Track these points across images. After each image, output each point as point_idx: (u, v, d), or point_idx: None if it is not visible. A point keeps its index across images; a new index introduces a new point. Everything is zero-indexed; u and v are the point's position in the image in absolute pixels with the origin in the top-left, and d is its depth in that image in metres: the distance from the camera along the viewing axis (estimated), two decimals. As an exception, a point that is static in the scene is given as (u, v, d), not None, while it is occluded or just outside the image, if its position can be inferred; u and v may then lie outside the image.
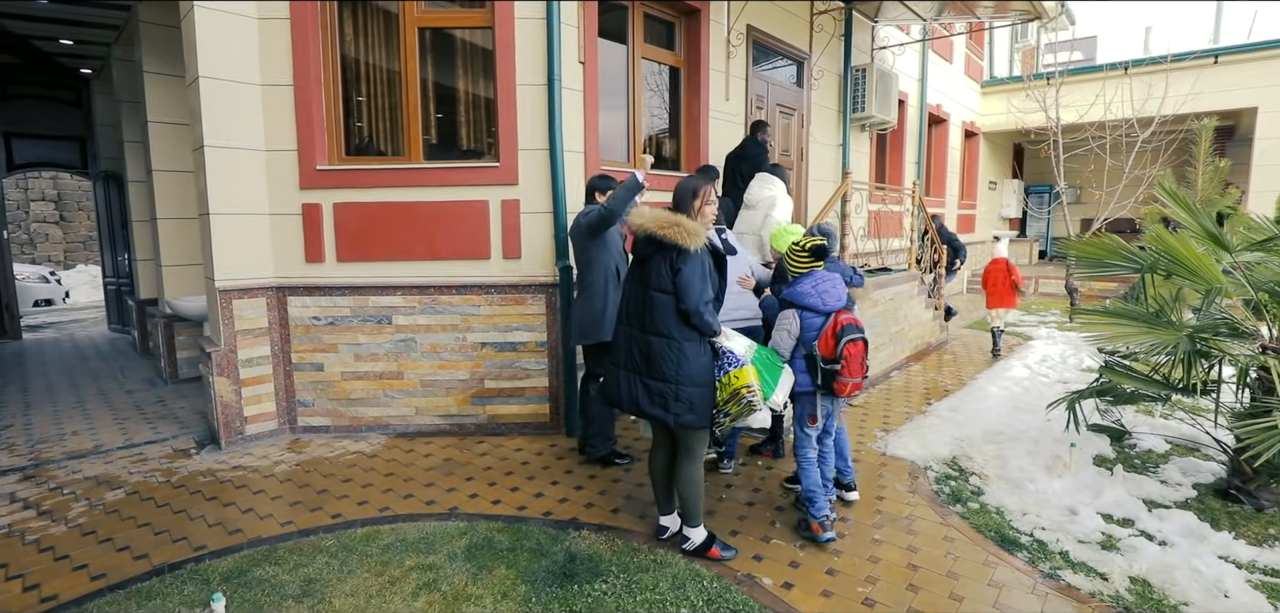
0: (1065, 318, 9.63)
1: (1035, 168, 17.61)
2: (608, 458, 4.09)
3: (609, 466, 4.07)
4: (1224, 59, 11.43)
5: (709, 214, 2.80)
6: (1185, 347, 3.46)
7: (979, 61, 15.08)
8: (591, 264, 3.88)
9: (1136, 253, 3.95)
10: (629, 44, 5.50)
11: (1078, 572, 2.83)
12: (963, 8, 8.50)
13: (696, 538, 2.92)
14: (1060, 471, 3.85)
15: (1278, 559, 2.90)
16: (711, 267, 2.78)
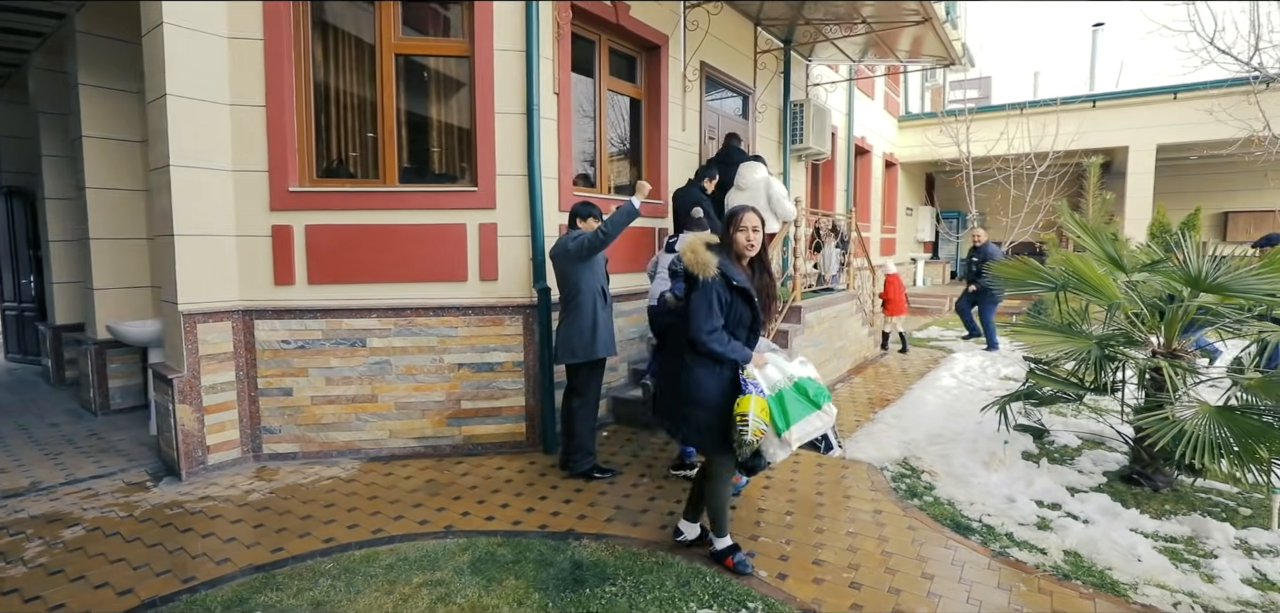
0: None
1: (946, 195, 19.18)
2: (589, 473, 4.23)
3: (591, 480, 4.21)
4: (1101, 104, 13.02)
5: (741, 241, 2.92)
6: (1095, 353, 4.04)
7: (896, 98, 16.38)
8: (578, 287, 4.06)
9: (1050, 273, 4.55)
10: (596, 77, 5.75)
11: (1022, 549, 3.26)
12: (884, 50, 9.35)
13: (719, 546, 3.09)
14: (996, 465, 4.35)
15: (1175, 529, 3.44)
16: (727, 297, 2.83)
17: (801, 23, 8.13)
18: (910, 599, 2.82)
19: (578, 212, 4.28)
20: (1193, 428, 3.42)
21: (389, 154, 4.69)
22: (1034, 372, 4.54)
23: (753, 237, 2.97)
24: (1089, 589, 2.89)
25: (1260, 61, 9.97)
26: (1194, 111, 11.61)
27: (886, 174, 15.88)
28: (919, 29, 7.87)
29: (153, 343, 5.26)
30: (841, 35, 8.55)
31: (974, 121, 11.49)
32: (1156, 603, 2.78)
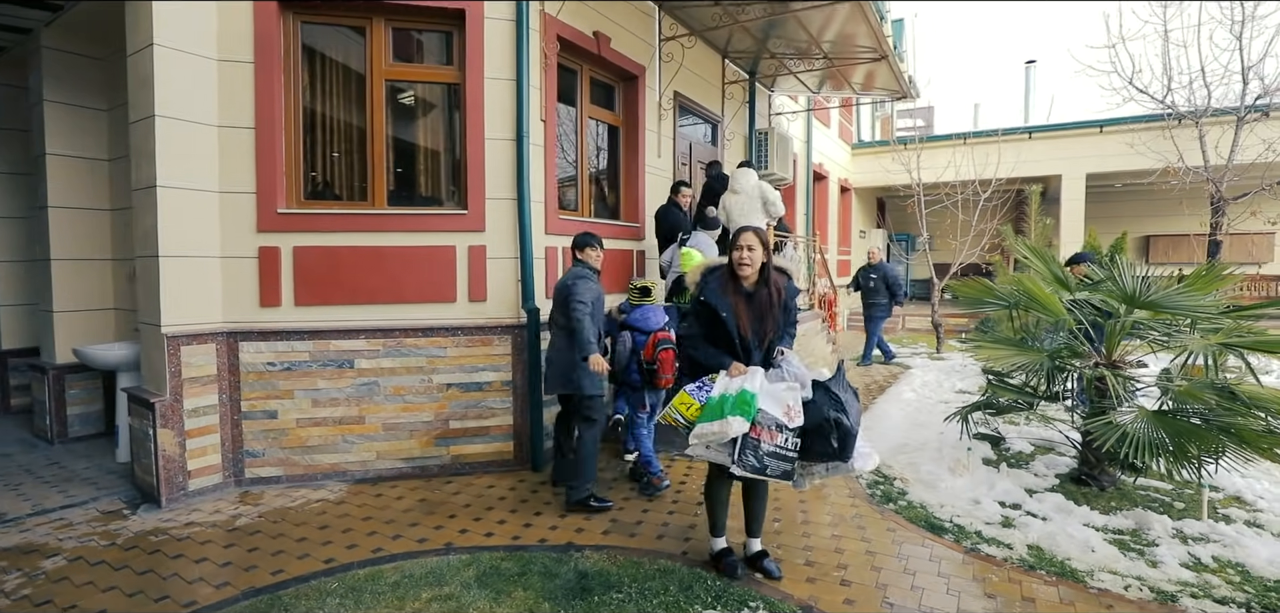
0: (933, 350, 11.15)
1: (896, 219, 20.11)
2: (587, 501, 4.03)
3: (589, 509, 4.02)
4: (1036, 135, 14.01)
5: (737, 259, 3.14)
6: (1047, 365, 4.42)
7: (850, 126, 17.20)
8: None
9: (1003, 292, 4.95)
10: (578, 105, 5.95)
11: (991, 545, 3.55)
12: (841, 82, 9.90)
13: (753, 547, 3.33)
14: (961, 471, 4.67)
15: (1121, 523, 3.80)
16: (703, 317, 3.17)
17: (766, 56, 8.55)
18: (896, 592, 3.05)
19: (580, 242, 4.24)
20: (1133, 431, 3.80)
21: (378, 177, 4.75)
22: (991, 383, 4.90)
23: (748, 255, 3.18)
24: (1052, 577, 3.19)
25: (1172, 100, 10.98)
26: (1117, 144, 12.64)
27: (841, 198, 16.60)
28: (874, 64, 8.39)
29: (122, 367, 5.11)
30: (803, 69, 9.03)
31: (924, 150, 12.20)
32: (1110, 587, 3.09)
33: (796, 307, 3.36)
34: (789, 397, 2.97)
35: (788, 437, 2.90)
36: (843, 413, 2.91)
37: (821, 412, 2.91)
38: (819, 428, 2.89)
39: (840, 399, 2.95)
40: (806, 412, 2.94)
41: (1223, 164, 10.50)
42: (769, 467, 2.90)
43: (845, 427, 2.88)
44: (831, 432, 2.88)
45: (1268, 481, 4.45)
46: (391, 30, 4.76)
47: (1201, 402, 3.89)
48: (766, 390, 2.98)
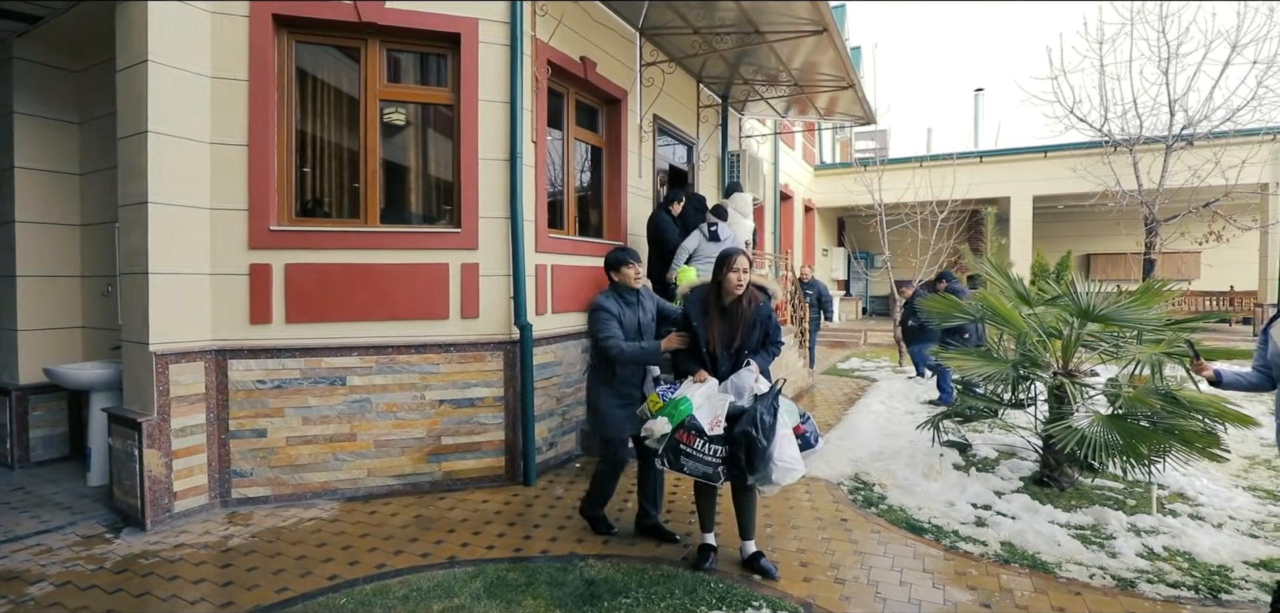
0: (896, 364, 11.61)
1: (856, 237, 20.85)
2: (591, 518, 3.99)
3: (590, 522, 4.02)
4: (987, 159, 14.82)
5: (732, 280, 3.38)
6: (1011, 374, 4.75)
7: (813, 149, 17.82)
8: None
9: (969, 308, 5.30)
10: (565, 127, 6.10)
11: (967, 542, 3.80)
12: (807, 107, 10.34)
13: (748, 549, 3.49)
14: (934, 476, 4.95)
15: (1082, 519, 4.12)
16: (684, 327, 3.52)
17: (738, 82, 8.89)
18: (887, 588, 3.26)
19: (612, 260, 3.86)
20: (1090, 433, 4.13)
21: (371, 195, 4.79)
22: (960, 392, 5.22)
23: (741, 277, 3.41)
24: (1025, 570, 3.45)
25: (1109, 129, 11.83)
26: (1061, 169, 13.49)
27: (805, 218, 17.16)
28: (840, 91, 8.82)
29: (96, 387, 4.97)
30: (772, 94, 9.41)
31: (885, 172, 12.79)
32: (1077, 576, 3.37)
33: (775, 323, 3.57)
34: (720, 407, 3.24)
35: (705, 443, 3.17)
36: (754, 429, 3.11)
37: (740, 425, 3.14)
38: (737, 439, 3.14)
39: (757, 416, 3.14)
40: (736, 423, 3.17)
41: (1154, 188, 11.35)
42: (685, 467, 3.24)
43: (753, 441, 3.10)
44: (741, 446, 3.12)
45: (1206, 478, 4.86)
46: (386, 52, 4.83)
47: (1148, 406, 4.26)
48: (707, 400, 3.26)
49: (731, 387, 3.33)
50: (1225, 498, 4.49)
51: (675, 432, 3.25)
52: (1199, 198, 11.56)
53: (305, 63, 4.77)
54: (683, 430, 3.23)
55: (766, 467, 3.14)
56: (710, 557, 3.49)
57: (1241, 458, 5.46)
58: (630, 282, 3.81)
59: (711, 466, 3.17)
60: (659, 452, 3.35)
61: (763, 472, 3.16)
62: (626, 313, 3.74)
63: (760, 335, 3.45)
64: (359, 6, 4.57)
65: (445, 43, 4.88)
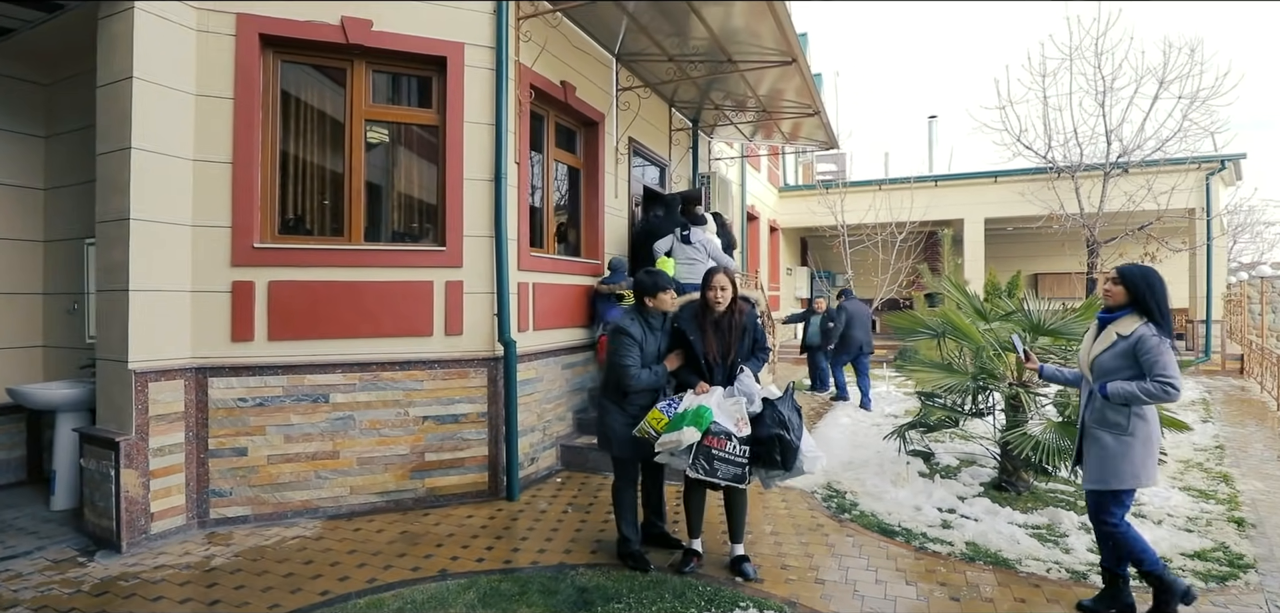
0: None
1: (818, 257, 21.44)
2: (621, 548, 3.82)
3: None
4: (942, 183, 15.54)
5: (710, 298, 3.60)
6: (971, 385, 5.06)
7: (777, 171, 18.34)
8: None
9: (931, 323, 5.62)
10: (545, 149, 6.24)
11: (935, 543, 4.04)
12: (774, 131, 10.74)
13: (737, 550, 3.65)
14: (902, 483, 5.21)
15: (1037, 520, 4.41)
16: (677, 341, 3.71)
17: (709, 106, 9.20)
18: (864, 585, 3.46)
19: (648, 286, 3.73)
20: (1044, 439, 4.45)
21: (356, 213, 4.83)
22: (924, 404, 5.51)
23: (721, 295, 3.62)
24: (988, 566, 3.70)
25: (1052, 156, 12.58)
26: (1010, 193, 14.25)
27: (771, 237, 17.60)
28: (807, 118, 9.21)
29: (64, 407, 4.83)
30: (741, 119, 9.76)
31: (847, 194, 13.29)
32: (1035, 571, 3.63)
33: (762, 330, 3.79)
34: (739, 410, 3.44)
35: (736, 444, 3.37)
36: (784, 429, 3.35)
37: (768, 428, 3.37)
38: (766, 441, 3.35)
39: (784, 417, 3.39)
40: (756, 425, 3.40)
41: (1094, 212, 12.11)
42: (719, 471, 3.36)
43: (786, 441, 3.35)
44: (775, 447, 3.34)
45: (1147, 480, 5.24)
46: (372, 73, 4.91)
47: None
48: (721, 406, 3.45)
49: (741, 392, 3.51)
50: (1163, 497, 4.86)
51: (705, 438, 3.35)
52: (1134, 221, 12.38)
53: (291, 82, 4.81)
54: (712, 436, 3.35)
55: (798, 460, 3.39)
56: (692, 561, 3.63)
57: (1177, 461, 5.90)
58: (666, 306, 3.74)
59: (741, 466, 3.35)
60: (689, 461, 3.37)
61: (795, 464, 3.40)
62: (649, 339, 3.69)
63: (749, 343, 3.65)
64: (347, 29, 4.65)
65: (431, 65, 4.99)
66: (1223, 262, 13.67)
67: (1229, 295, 13.72)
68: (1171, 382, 2.95)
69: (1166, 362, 2.97)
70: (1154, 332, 3.05)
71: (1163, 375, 2.95)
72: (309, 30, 4.60)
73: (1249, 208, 21.85)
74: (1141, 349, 3.02)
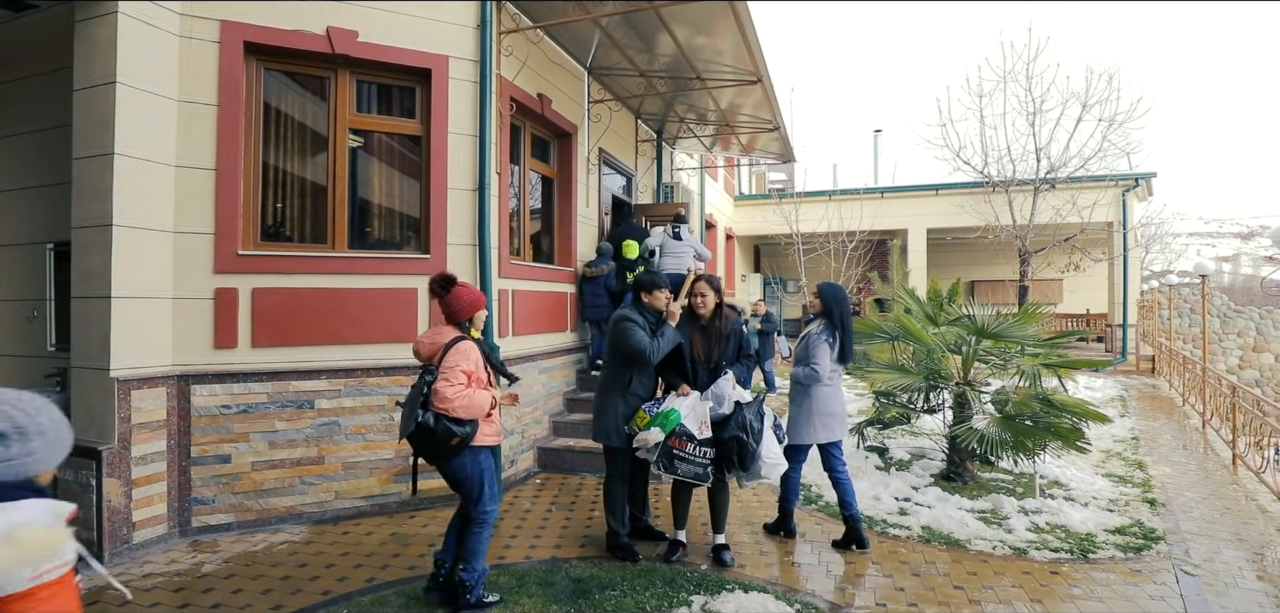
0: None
1: (769, 263, 22.16)
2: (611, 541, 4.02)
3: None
4: (888, 195, 16.39)
5: (696, 304, 3.92)
6: (923, 384, 5.52)
7: (733, 181, 18.90)
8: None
9: (886, 327, 6.07)
10: (521, 159, 6.41)
11: (895, 528, 4.43)
12: (730, 140, 11.19)
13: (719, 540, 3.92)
14: (861, 476, 5.61)
15: (983, 506, 4.87)
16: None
17: (673, 118, 9.53)
18: (835, 566, 3.80)
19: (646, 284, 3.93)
20: (988, 432, 4.92)
21: (340, 221, 4.89)
22: (880, 402, 5.95)
23: (702, 301, 3.91)
24: (944, 546, 4.11)
25: (988, 171, 13.50)
26: (950, 205, 15.18)
27: (727, 245, 18.12)
28: (768, 132, 9.66)
29: (28, 418, 4.68)
30: (703, 132, 10.14)
31: (801, 204, 13.90)
32: (983, 549, 4.06)
33: (747, 337, 4.08)
34: (703, 414, 3.71)
35: (695, 446, 3.64)
36: (744, 433, 3.63)
37: (731, 430, 3.65)
38: (727, 443, 3.64)
39: (746, 421, 3.66)
40: (722, 428, 3.67)
41: (1026, 224, 13.06)
42: (680, 470, 3.66)
43: (744, 443, 3.63)
44: (734, 450, 3.63)
45: (1074, 468, 5.83)
46: (356, 82, 4.99)
47: (1031, 409, 5.12)
48: (691, 409, 3.72)
49: (712, 396, 3.77)
50: (1089, 482, 5.43)
51: (668, 439, 3.64)
52: (1061, 233, 13.43)
53: (275, 90, 4.84)
54: (675, 437, 3.63)
55: (756, 465, 3.64)
56: (678, 551, 3.89)
57: (1100, 451, 6.55)
58: (659, 305, 3.89)
59: (701, 466, 3.61)
60: (653, 459, 3.70)
61: (753, 469, 3.65)
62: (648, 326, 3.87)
63: (734, 348, 3.93)
64: (332, 39, 4.72)
65: (415, 77, 5.10)
66: (1137, 271, 14.95)
67: (1142, 302, 15.02)
68: (814, 367, 4.00)
69: (817, 354, 4.01)
70: (820, 331, 4.09)
71: (811, 363, 4.03)
72: (294, 39, 4.65)
73: (1159, 221, 23.84)
74: (807, 342, 4.10)
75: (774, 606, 3.28)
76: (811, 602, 3.36)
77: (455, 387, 3.05)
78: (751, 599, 3.33)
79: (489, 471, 3.32)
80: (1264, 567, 3.92)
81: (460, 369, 3.10)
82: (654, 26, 5.98)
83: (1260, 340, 16.85)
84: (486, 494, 3.28)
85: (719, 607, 3.28)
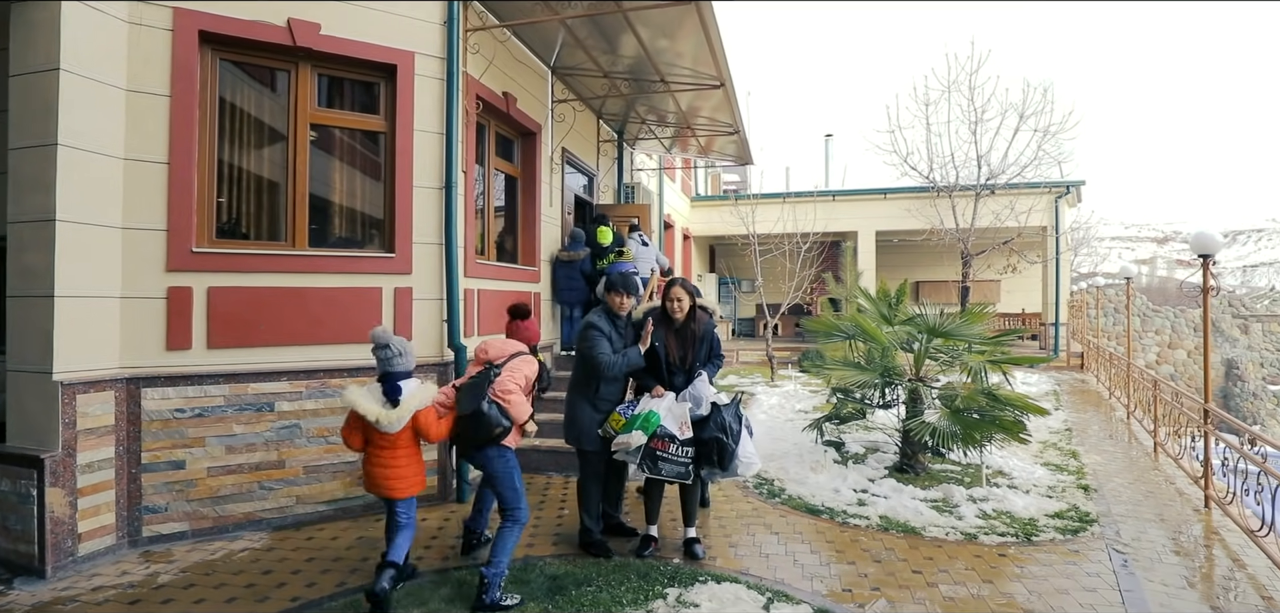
0: (768, 379, 12.87)
1: (728, 264, 22.54)
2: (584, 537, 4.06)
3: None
4: (839, 198, 16.92)
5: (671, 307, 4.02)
6: (878, 381, 5.77)
7: (690, 182, 19.14)
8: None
9: (844, 325, 6.31)
10: (486, 158, 6.36)
11: (854, 518, 4.63)
12: (688, 142, 11.36)
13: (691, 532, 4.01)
14: (820, 470, 5.83)
15: (935, 495, 5.13)
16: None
17: (634, 119, 9.62)
18: (801, 554, 3.96)
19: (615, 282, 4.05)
20: (939, 426, 5.19)
21: (300, 218, 4.76)
22: (839, 398, 6.19)
23: (677, 305, 4.01)
24: (900, 534, 4.32)
25: (933, 177, 14.12)
26: (897, 208, 15.78)
27: (684, 245, 18.35)
28: (726, 136, 9.86)
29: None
30: (663, 133, 10.26)
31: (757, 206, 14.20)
32: (937, 535, 4.30)
33: (717, 338, 4.20)
34: (682, 415, 3.83)
35: (678, 447, 3.77)
36: (724, 434, 3.78)
37: (711, 431, 3.78)
38: (707, 443, 3.77)
39: (726, 423, 3.81)
40: (701, 427, 3.80)
41: (968, 228, 13.72)
42: (663, 470, 3.78)
43: (724, 444, 3.78)
44: (714, 449, 3.77)
45: (1016, 458, 6.20)
46: (318, 76, 4.86)
47: (977, 403, 5.43)
48: (669, 411, 3.83)
49: (689, 397, 3.87)
50: (1030, 471, 5.80)
51: (651, 441, 3.74)
52: (1000, 236, 14.16)
53: (231, 81, 4.67)
54: (657, 439, 3.74)
55: (733, 463, 3.74)
56: (650, 546, 3.98)
57: (1038, 442, 6.98)
58: (626, 307, 4.03)
59: (684, 466, 3.72)
60: (636, 461, 3.77)
61: (732, 467, 3.78)
62: (614, 335, 3.99)
63: (707, 349, 4.03)
64: (294, 31, 4.59)
65: (380, 72, 5.00)
66: (1068, 273, 15.92)
67: (1072, 302, 16.01)
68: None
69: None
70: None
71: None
72: (253, 30, 4.50)
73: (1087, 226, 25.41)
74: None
75: (747, 595, 3.40)
76: (782, 590, 3.49)
77: (514, 388, 3.49)
78: (724, 590, 3.44)
79: (516, 471, 3.59)
80: (1181, 544, 4.30)
81: (522, 374, 3.57)
82: (619, 27, 6.04)
83: (1175, 337, 18.14)
84: (518, 495, 3.52)
85: (693, 598, 3.37)
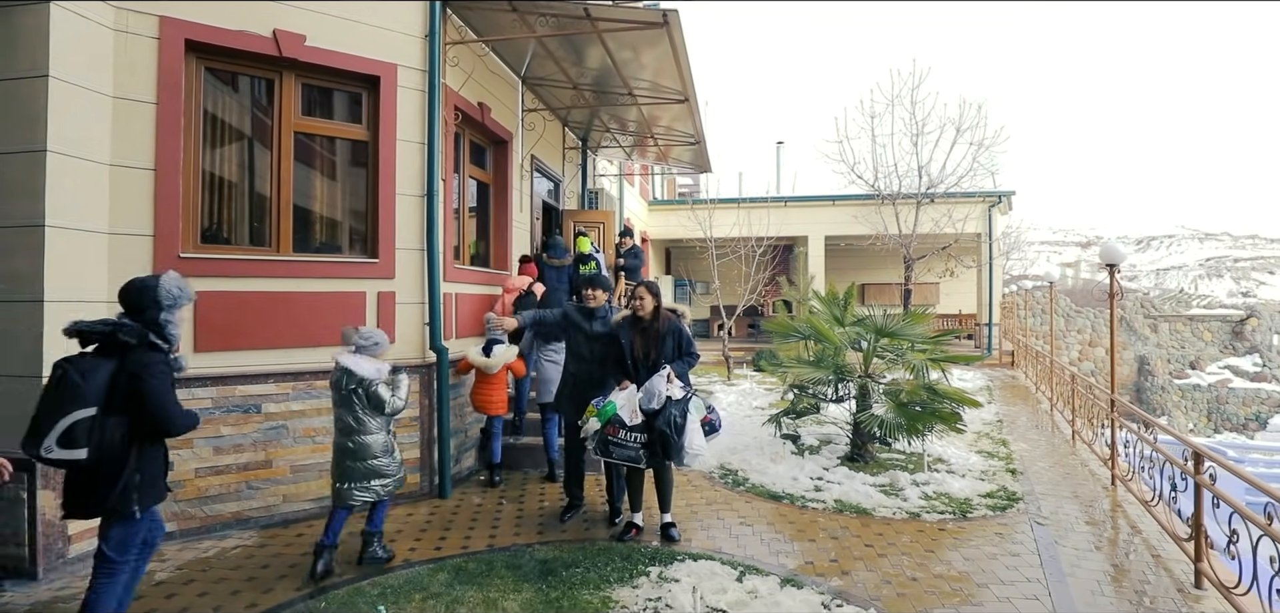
0: (725, 378, 13.40)
1: (684, 266, 23.07)
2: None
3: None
4: (790, 204, 17.66)
5: (636, 306, 4.36)
6: (831, 377, 6.28)
7: (648, 186, 19.56)
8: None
9: (799, 327, 6.81)
10: (461, 167, 6.55)
11: (813, 503, 5.10)
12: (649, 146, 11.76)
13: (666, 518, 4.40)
14: (779, 460, 6.29)
15: (883, 481, 5.66)
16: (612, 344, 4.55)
17: (598, 127, 9.93)
18: (767, 535, 4.38)
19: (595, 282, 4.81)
20: (886, 418, 5.73)
21: (284, 224, 4.88)
22: (796, 394, 6.68)
23: (640, 304, 4.39)
24: (854, 515, 4.81)
25: (878, 185, 14.96)
26: (845, 214, 16.63)
27: (642, 247, 18.76)
28: (687, 145, 10.29)
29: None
30: (625, 140, 10.62)
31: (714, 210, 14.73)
32: (886, 515, 4.81)
33: (686, 336, 4.54)
34: (635, 404, 4.22)
35: (628, 433, 4.16)
36: (668, 428, 4.12)
37: (660, 423, 4.13)
38: (657, 432, 4.13)
39: (671, 417, 4.15)
40: (655, 418, 4.14)
41: (910, 233, 14.61)
42: (614, 454, 4.21)
43: (667, 436, 4.12)
44: (658, 439, 4.13)
45: (953, 447, 6.84)
46: (302, 86, 4.98)
47: (920, 397, 6.00)
48: (627, 401, 4.23)
49: (645, 391, 4.22)
50: (965, 458, 6.42)
51: (604, 428, 4.14)
52: (939, 242, 15.16)
53: (217, 90, 4.75)
54: (610, 426, 4.15)
55: (680, 454, 4.10)
56: (631, 532, 4.32)
57: (973, 432, 7.66)
58: (599, 300, 4.68)
59: (634, 451, 4.11)
60: (592, 447, 4.21)
61: (677, 457, 4.12)
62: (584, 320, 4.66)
63: (674, 347, 4.38)
64: (279, 42, 4.71)
65: (363, 83, 5.16)
66: (1000, 276, 17.11)
67: (1004, 304, 17.21)
68: None
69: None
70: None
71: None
72: (239, 40, 4.60)
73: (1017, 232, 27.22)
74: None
75: (721, 569, 3.78)
76: (753, 565, 3.89)
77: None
78: (701, 566, 3.82)
79: None
80: (1092, 515, 4.94)
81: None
82: (588, 41, 6.34)
83: (1095, 336, 19.66)
84: None
85: (674, 574, 3.73)
